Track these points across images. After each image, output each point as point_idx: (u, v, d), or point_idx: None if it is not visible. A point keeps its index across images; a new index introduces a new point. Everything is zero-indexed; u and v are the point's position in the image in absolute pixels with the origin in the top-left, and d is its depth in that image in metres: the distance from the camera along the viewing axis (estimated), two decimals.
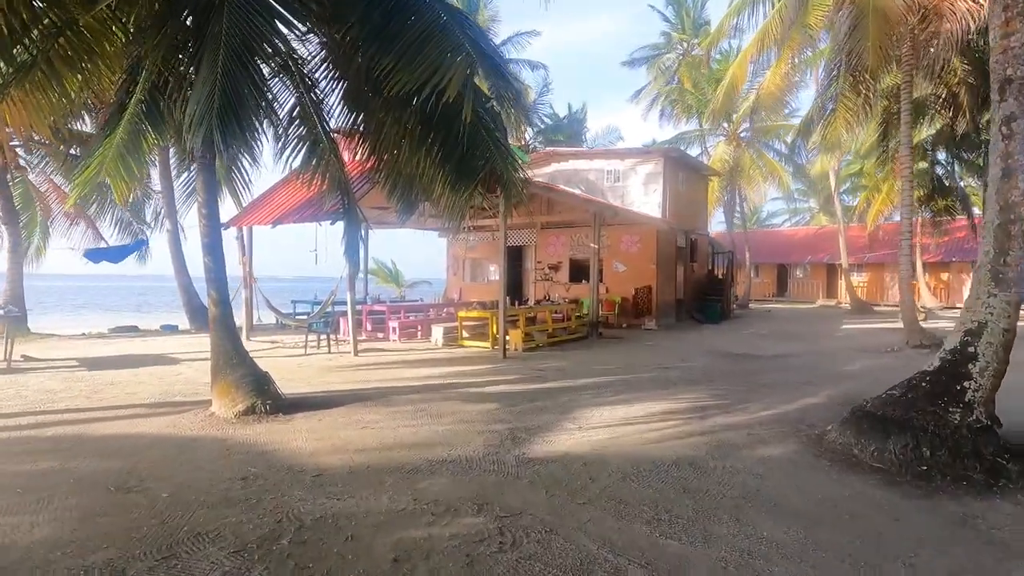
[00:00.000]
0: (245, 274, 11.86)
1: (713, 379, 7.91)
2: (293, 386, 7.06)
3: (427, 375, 8.10)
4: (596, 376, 8.04)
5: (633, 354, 10.52)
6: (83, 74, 7.19)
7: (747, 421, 5.60)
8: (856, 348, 11.41)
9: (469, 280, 19.61)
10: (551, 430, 5.22)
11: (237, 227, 11.63)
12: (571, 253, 17.55)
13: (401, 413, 5.81)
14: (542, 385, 7.39)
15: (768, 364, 9.34)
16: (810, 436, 5.06)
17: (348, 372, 8.31)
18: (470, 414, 5.79)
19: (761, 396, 6.75)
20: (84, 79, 7.32)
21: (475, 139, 5.88)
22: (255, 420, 5.40)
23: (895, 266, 30.61)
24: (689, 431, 5.23)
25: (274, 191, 11.79)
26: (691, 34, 29.87)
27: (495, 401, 6.42)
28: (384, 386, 7.25)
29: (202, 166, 5.99)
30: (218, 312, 5.85)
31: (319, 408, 5.95)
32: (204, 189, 6.00)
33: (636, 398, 6.61)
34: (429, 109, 5.81)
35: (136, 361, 9.14)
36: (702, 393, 6.95)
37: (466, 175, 5.96)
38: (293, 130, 7.78)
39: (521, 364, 9.20)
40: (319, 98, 7.82)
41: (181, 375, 7.91)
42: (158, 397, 6.52)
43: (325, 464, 4.24)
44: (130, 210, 15.02)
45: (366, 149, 8.08)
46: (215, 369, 5.73)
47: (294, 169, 7.99)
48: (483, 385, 7.40)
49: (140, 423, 5.39)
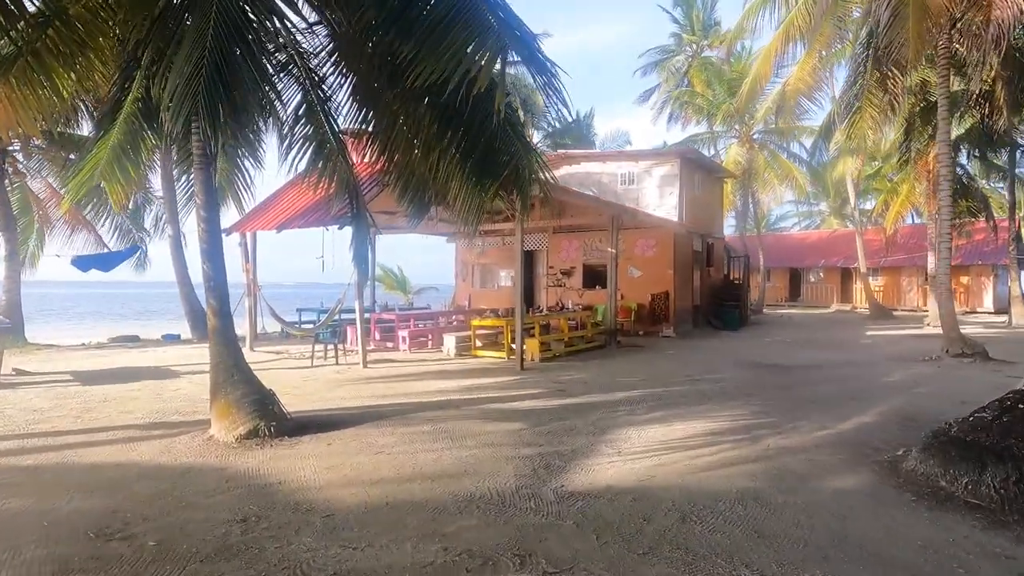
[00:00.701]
0: (248, 282, 11.38)
1: (750, 393, 7.34)
2: (299, 402, 6.54)
3: (442, 389, 7.56)
4: (623, 390, 7.49)
5: (656, 364, 9.96)
6: (75, 70, 6.73)
7: (803, 443, 5.04)
8: (890, 356, 10.81)
9: (479, 286, 19.09)
10: (587, 455, 4.67)
11: (240, 233, 11.15)
12: (584, 258, 17.01)
13: (418, 435, 5.28)
14: (567, 400, 6.84)
15: (803, 376, 8.76)
16: (881, 463, 4.49)
17: (358, 386, 7.78)
18: (494, 435, 5.25)
19: (808, 413, 6.18)
20: (77, 76, 6.86)
21: (499, 134, 5.37)
22: (258, 445, 4.87)
23: (912, 270, 30.17)
24: (742, 457, 4.67)
25: (279, 195, 11.32)
26: (700, 35, 29.40)
27: (519, 419, 5.87)
28: (397, 402, 6.72)
29: (200, 165, 5.49)
30: (218, 324, 5.34)
31: (328, 429, 5.42)
32: (202, 191, 5.51)
33: (673, 416, 6.05)
34: (448, 102, 5.30)
35: (133, 374, 8.64)
36: (743, 410, 6.38)
37: (489, 173, 5.44)
38: (299, 130, 7.32)
39: (540, 376, 8.65)
40: (326, 95, 7.35)
41: (180, 390, 7.40)
42: (153, 416, 6.00)
43: (337, 501, 3.70)
44: (130, 216, 14.58)
45: (375, 150, 7.61)
46: (214, 387, 5.21)
47: (299, 172, 7.53)
48: (503, 400, 6.86)
49: (131, 448, 4.87)
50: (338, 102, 7.34)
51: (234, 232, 11.10)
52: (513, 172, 5.37)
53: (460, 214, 7.62)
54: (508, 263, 18.35)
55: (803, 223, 49.10)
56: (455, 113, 5.33)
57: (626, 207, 13.33)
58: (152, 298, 51.77)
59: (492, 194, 5.54)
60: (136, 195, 14.39)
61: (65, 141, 12.57)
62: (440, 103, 5.31)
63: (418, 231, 16.96)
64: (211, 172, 5.62)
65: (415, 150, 7.00)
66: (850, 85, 12.19)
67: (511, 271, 18.39)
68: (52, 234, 14.58)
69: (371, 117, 7.34)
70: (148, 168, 14.34)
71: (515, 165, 5.33)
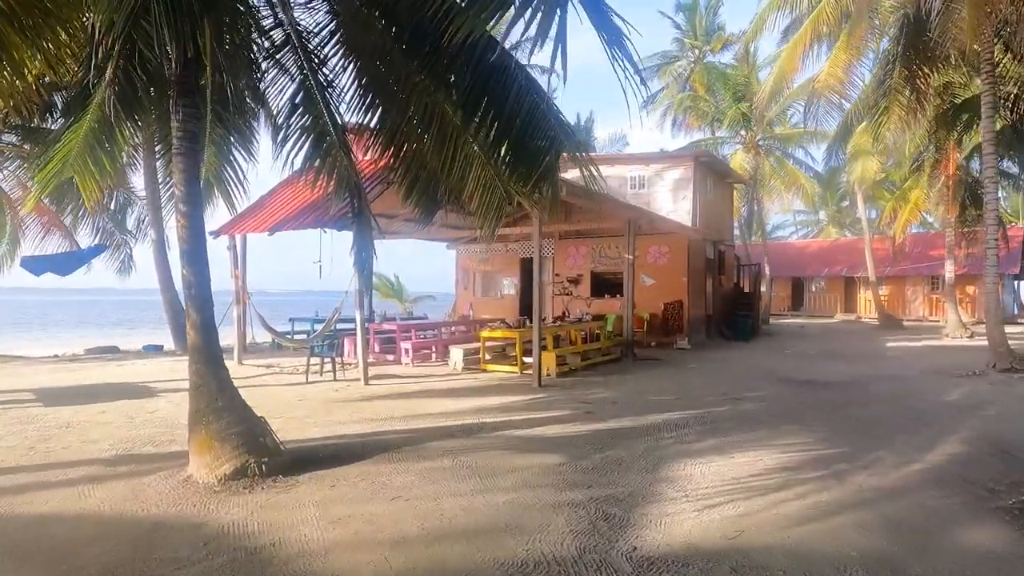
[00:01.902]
0: (237, 289, 10.46)
1: (801, 415, 6.55)
2: (294, 428, 5.66)
3: (456, 410, 6.70)
4: (659, 411, 6.67)
5: (683, 380, 9.15)
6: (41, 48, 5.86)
7: (899, 483, 4.24)
8: (928, 371, 10.07)
9: (480, 294, 18.23)
10: (650, 500, 3.84)
11: (229, 235, 10.25)
12: (592, 265, 16.23)
13: (439, 472, 4.42)
14: (600, 425, 6.00)
15: (846, 393, 7.98)
16: (1009, 510, 3.69)
17: (359, 406, 6.89)
18: (530, 473, 4.40)
19: (879, 440, 5.40)
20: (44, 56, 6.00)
21: (535, 114, 4.56)
22: (245, 487, 3.98)
23: (918, 279, 29.67)
24: (837, 502, 3.85)
25: (272, 195, 10.44)
26: (703, 40, 28.97)
27: (553, 450, 5.03)
28: (408, 427, 5.85)
29: (181, 148, 4.65)
30: (199, 339, 4.46)
31: (330, 464, 4.54)
32: (184, 181, 4.65)
33: (729, 445, 5.24)
34: (478, 76, 4.50)
35: (106, 392, 7.70)
36: (804, 436, 5.58)
37: (524, 162, 4.61)
38: (296, 120, 6.48)
39: (561, 394, 7.82)
40: (328, 79, 6.53)
41: (156, 413, 6.48)
42: (122, 447, 5.09)
43: (349, 574, 2.84)
44: (111, 217, 13.62)
45: (380, 143, 6.80)
46: (194, 415, 4.33)
47: (296, 171, 6.70)
48: (528, 425, 6.01)
49: (90, 492, 3.97)
50: (341, 88, 6.52)
51: (222, 234, 10.21)
52: (553, 161, 4.55)
53: (478, 214, 6.82)
54: (511, 270, 17.54)
55: (801, 232, 48.83)
56: (486, 90, 4.52)
57: (644, 211, 12.59)
58: (137, 305, 50.26)
59: (531, 186, 4.71)
60: (117, 194, 13.45)
61: (39, 136, 11.64)
62: (467, 78, 4.49)
63: (418, 236, 16.14)
64: (195, 159, 4.76)
65: (428, 140, 6.20)
66: (878, 83, 11.57)
67: (515, 279, 17.59)
68: (24, 236, 13.56)
69: (377, 104, 6.52)
70: (131, 168, 13.45)
71: (555, 152, 4.51)
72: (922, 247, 28.60)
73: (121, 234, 14.09)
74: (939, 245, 28.57)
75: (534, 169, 4.60)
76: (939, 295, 28.44)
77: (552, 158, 4.55)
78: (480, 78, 4.52)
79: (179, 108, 4.62)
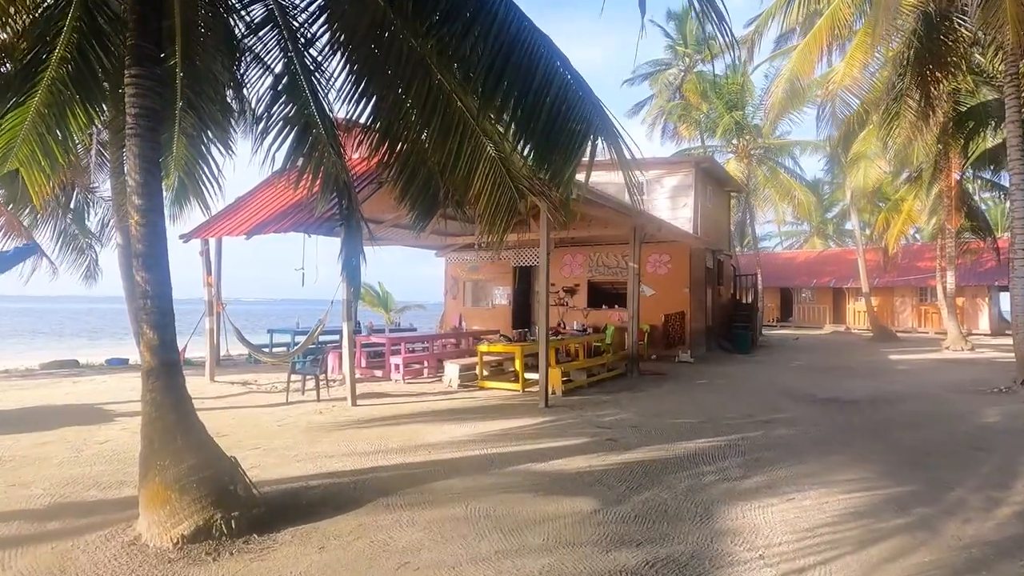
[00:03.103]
0: (210, 298, 9.53)
1: (844, 442, 5.88)
2: (273, 463, 4.81)
3: (459, 438, 5.90)
4: (687, 438, 5.95)
5: (698, 398, 8.47)
6: None
7: (999, 532, 3.56)
8: (951, 388, 9.54)
9: (470, 304, 17.44)
10: (719, 564, 3.09)
11: (201, 239, 9.33)
12: (590, 275, 15.56)
13: (452, 524, 3.62)
14: (628, 456, 5.25)
15: (879, 414, 7.37)
16: None
17: (349, 434, 6.04)
18: (563, 524, 3.63)
19: (945, 474, 4.74)
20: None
21: (567, 92, 3.84)
22: (209, 553, 3.14)
23: (906, 290, 29.63)
24: (946, 565, 3.15)
25: (251, 196, 9.57)
26: (695, 49, 28.79)
27: (584, 491, 4.26)
28: (406, 461, 5.03)
29: (136, 127, 3.82)
30: (156, 362, 3.61)
31: (317, 515, 3.71)
32: (138, 168, 3.81)
33: (780, 482, 4.53)
34: (499, 46, 3.77)
35: (53, 417, 6.73)
36: (861, 470, 4.90)
37: (556, 149, 3.86)
38: (278, 109, 5.71)
39: (571, 416, 7.06)
40: (316, 62, 5.77)
41: (108, 443, 5.56)
42: (60, 491, 4.19)
43: None
44: (73, 219, 12.55)
45: (373, 138, 6.05)
46: (147, 458, 3.46)
47: (276, 171, 5.91)
48: (545, 456, 5.22)
49: (4, 564, 3.08)
50: (330, 73, 5.76)
51: (195, 238, 9.28)
52: (591, 148, 3.80)
53: (484, 216, 6.07)
54: (504, 280, 16.79)
55: (786, 243, 48.97)
56: (508, 64, 3.79)
57: (653, 216, 11.96)
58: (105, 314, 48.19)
59: (566, 180, 3.96)
60: (78, 194, 12.40)
61: None
62: (487, 50, 3.75)
63: (405, 243, 15.33)
64: (153, 141, 3.93)
65: (431, 131, 5.46)
66: (890, 87, 11.16)
67: (507, 288, 16.84)
68: None
69: (372, 91, 5.76)
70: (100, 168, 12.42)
71: (593, 138, 3.78)
72: (910, 258, 28.59)
73: (85, 238, 13.00)
74: (926, 256, 28.61)
75: (568, 159, 3.85)
76: (928, 306, 28.46)
77: (590, 145, 3.81)
78: (502, 49, 3.79)
79: (133, 78, 3.79)
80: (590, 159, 3.86)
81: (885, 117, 11.65)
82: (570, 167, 3.81)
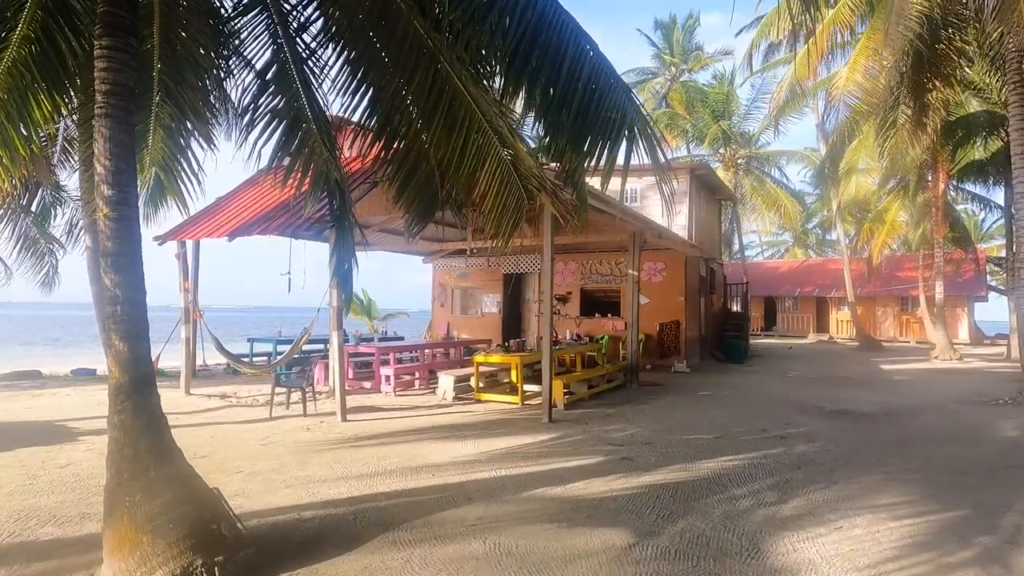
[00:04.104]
0: (187, 304, 8.90)
1: (873, 459, 5.56)
2: (260, 491, 4.28)
3: (463, 457, 5.42)
4: (706, 456, 5.57)
5: (704, 411, 8.12)
6: None
7: None
8: (957, 399, 9.36)
9: (459, 312, 16.95)
10: None
11: (178, 240, 8.71)
12: (583, 283, 15.21)
13: (472, 563, 3.16)
14: (649, 478, 4.84)
15: (897, 428, 7.10)
16: None
17: (342, 454, 5.52)
18: (597, 563, 3.19)
19: (991, 495, 4.43)
20: None
21: (598, 76, 3.44)
22: None
23: (888, 299, 29.94)
24: None
25: (233, 196, 9.00)
26: (681, 59, 28.92)
27: (612, 521, 3.83)
28: (409, 486, 4.54)
29: (106, 107, 3.32)
30: (127, 378, 3.08)
31: (315, 554, 3.22)
32: (109, 153, 3.30)
33: (820, 507, 4.16)
34: (526, 23, 3.37)
35: (6, 435, 6.06)
36: (903, 492, 4.56)
37: (588, 140, 3.44)
38: (265, 101, 5.23)
39: (578, 431, 6.64)
40: (309, 48, 5.32)
41: (69, 467, 4.95)
42: (8, 528, 3.61)
43: None
44: (34, 221, 11.77)
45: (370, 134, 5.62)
46: (113, 492, 2.93)
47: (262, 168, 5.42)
48: (561, 479, 4.77)
49: None
50: (325, 62, 5.33)
51: (172, 240, 8.66)
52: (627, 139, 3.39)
53: (491, 218, 5.65)
54: (494, 287, 16.35)
55: (767, 252, 49.47)
56: (535, 45, 3.38)
57: (652, 223, 11.66)
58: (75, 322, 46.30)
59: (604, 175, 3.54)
60: (45, 193, 11.63)
61: None
62: (513, 27, 3.34)
63: (391, 248, 14.83)
64: (126, 124, 3.43)
65: (435, 125, 5.04)
66: (888, 93, 11.07)
67: (497, 296, 16.40)
68: None
69: (370, 82, 5.35)
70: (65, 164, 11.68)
71: (628, 128, 3.38)
72: (891, 268, 28.91)
73: (47, 243, 12.20)
74: (907, 267, 28.99)
75: (602, 150, 3.45)
76: (909, 316, 28.80)
77: (626, 136, 3.41)
78: (529, 26, 3.38)
79: (105, 50, 3.29)
80: (626, 157, 3.46)
81: (882, 125, 11.56)
82: (607, 157, 3.38)
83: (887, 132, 11.34)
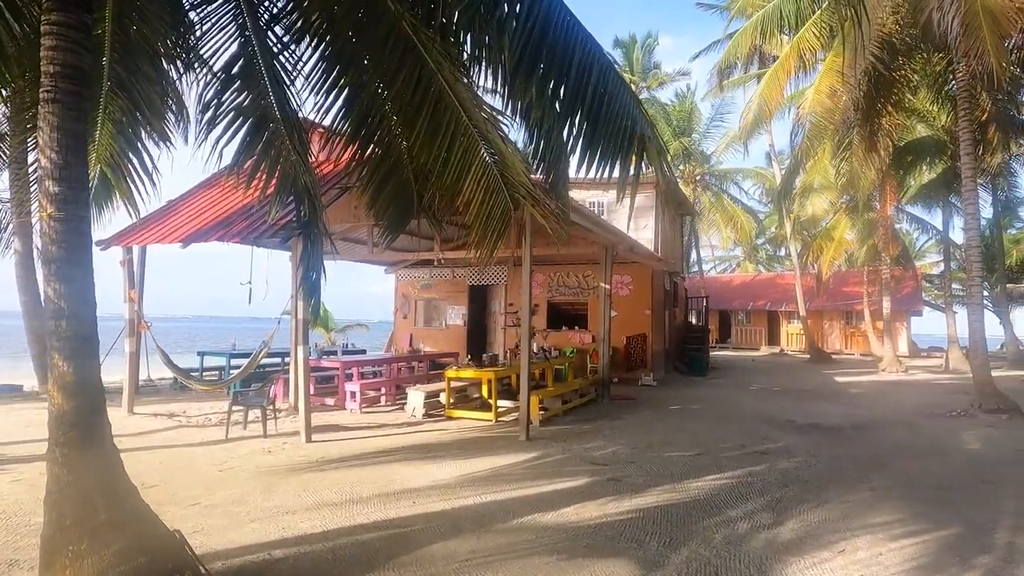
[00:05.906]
0: (133, 315, 8.20)
1: (853, 476, 5.57)
2: (221, 526, 3.84)
3: (442, 481, 5.09)
4: (693, 474, 5.45)
5: (680, 426, 8.06)
6: None
7: None
8: (915, 412, 9.65)
9: (422, 324, 16.49)
10: None
11: (124, 246, 8.03)
12: (550, 295, 15.08)
13: None
14: (641, 500, 4.65)
15: (868, 443, 7.20)
16: None
17: (310, 479, 5.09)
18: None
19: (976, 511, 4.48)
20: None
21: (607, 80, 3.27)
22: None
23: (834, 313, 31.30)
24: None
25: (189, 198, 8.39)
26: (640, 77, 29.57)
27: (612, 549, 3.61)
28: (389, 516, 4.18)
29: (54, 96, 2.89)
30: (72, 405, 2.65)
31: None
32: (56, 144, 2.88)
33: (817, 528, 4.08)
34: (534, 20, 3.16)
35: None
36: (893, 511, 4.53)
37: (600, 140, 3.24)
38: (230, 97, 4.87)
39: (558, 450, 6.41)
40: (282, 42, 4.99)
41: None
42: None
43: None
44: None
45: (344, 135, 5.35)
46: (54, 539, 2.49)
47: (224, 168, 5.07)
48: (551, 505, 4.51)
49: None
50: (298, 56, 5.00)
51: (117, 245, 7.97)
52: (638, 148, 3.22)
53: (475, 226, 5.44)
54: (459, 299, 16.01)
55: (719, 267, 51.01)
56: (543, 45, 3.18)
57: (625, 236, 11.63)
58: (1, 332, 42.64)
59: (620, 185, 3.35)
60: None
61: None
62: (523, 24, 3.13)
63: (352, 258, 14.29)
64: (80, 114, 3.01)
65: (419, 127, 4.79)
66: (845, 116, 11.52)
67: (462, 308, 16.05)
68: None
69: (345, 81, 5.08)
70: None
71: (641, 134, 3.21)
72: (837, 283, 30.21)
73: None
74: (852, 282, 30.39)
75: (614, 157, 3.26)
76: (854, 329, 30.15)
77: (637, 144, 3.24)
78: (537, 24, 3.17)
79: (53, 27, 2.87)
80: (636, 164, 3.29)
81: (838, 146, 12.01)
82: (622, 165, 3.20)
83: (843, 153, 11.77)
